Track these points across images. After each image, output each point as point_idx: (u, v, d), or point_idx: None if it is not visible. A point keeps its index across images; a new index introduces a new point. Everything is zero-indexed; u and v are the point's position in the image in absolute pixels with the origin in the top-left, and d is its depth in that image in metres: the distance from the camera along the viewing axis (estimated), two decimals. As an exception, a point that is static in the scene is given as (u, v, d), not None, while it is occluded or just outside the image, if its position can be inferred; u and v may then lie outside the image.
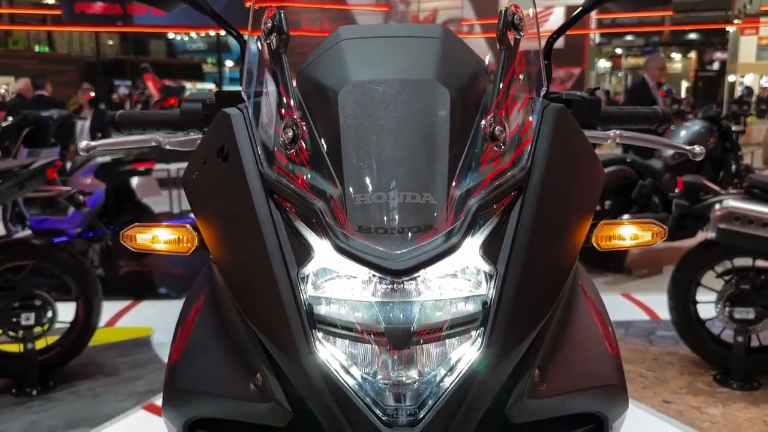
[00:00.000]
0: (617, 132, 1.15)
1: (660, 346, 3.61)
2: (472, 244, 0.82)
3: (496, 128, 0.86)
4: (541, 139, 0.89)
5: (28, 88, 7.59)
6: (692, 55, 28.30)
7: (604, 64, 30.04)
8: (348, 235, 0.80)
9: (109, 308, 4.05)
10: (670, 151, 5.11)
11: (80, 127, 7.08)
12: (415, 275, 0.80)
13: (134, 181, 4.90)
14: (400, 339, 0.79)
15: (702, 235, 3.31)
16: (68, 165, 5.09)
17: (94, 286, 3.23)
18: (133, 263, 5.19)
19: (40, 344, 3.16)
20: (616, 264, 5.11)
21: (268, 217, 0.84)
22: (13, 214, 4.34)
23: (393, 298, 0.80)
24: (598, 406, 0.92)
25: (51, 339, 3.23)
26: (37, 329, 3.10)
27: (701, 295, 3.22)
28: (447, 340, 0.83)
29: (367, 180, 0.82)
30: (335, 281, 0.83)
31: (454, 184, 0.83)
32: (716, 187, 3.30)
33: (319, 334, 0.82)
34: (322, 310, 0.82)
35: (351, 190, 0.82)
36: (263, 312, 0.83)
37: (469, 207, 0.82)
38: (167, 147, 1.14)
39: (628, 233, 0.98)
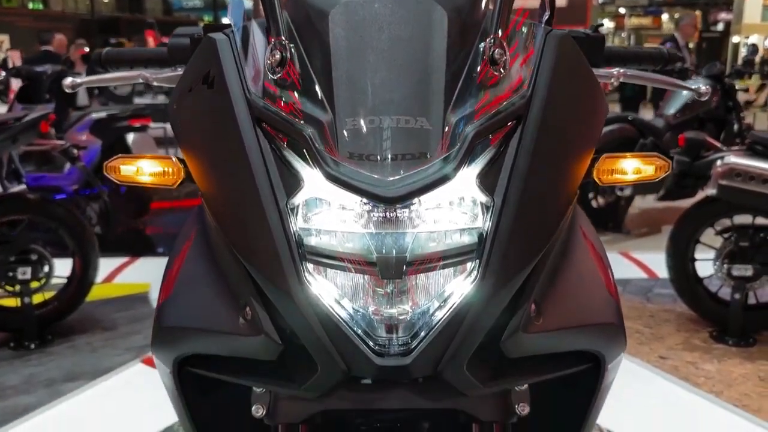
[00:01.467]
0: (621, 71, 1.11)
1: (657, 304, 3.62)
2: (469, 173, 0.79)
3: (496, 51, 0.82)
4: (543, 66, 0.85)
5: (62, 44, 7.44)
6: (697, 15, 27.80)
7: (607, 24, 29.57)
8: (338, 162, 0.77)
9: (106, 265, 4.05)
10: (672, 111, 5.05)
11: (77, 83, 6.96)
12: (409, 203, 0.77)
13: (130, 137, 4.84)
14: (392, 269, 0.77)
15: (702, 195, 3.28)
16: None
17: (90, 241, 3.22)
18: (131, 221, 5.17)
19: (37, 299, 3.16)
20: (614, 223, 5.11)
21: (256, 145, 0.81)
22: (9, 171, 4.30)
23: (385, 228, 0.78)
24: (595, 344, 0.91)
25: (48, 294, 3.24)
26: (34, 284, 3.10)
27: (700, 253, 3.21)
28: (441, 272, 0.80)
29: (359, 103, 0.79)
30: (325, 211, 0.80)
31: (450, 109, 0.80)
32: (718, 144, 3.26)
33: (310, 266, 0.80)
34: (312, 241, 0.80)
35: (341, 114, 0.78)
36: (252, 244, 0.81)
37: (466, 134, 0.78)
38: (154, 83, 1.11)
39: (631, 167, 0.94)
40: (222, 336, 0.86)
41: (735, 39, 22.36)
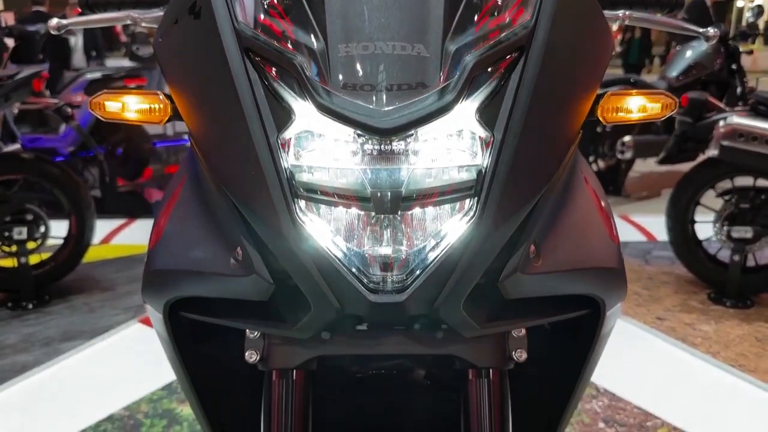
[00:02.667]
0: (627, 12, 1.07)
1: (655, 266, 3.61)
2: (468, 106, 0.76)
3: None
4: None
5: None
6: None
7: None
8: (331, 92, 0.74)
9: (104, 226, 4.04)
10: (675, 73, 4.99)
11: (73, 43, 6.88)
12: (405, 136, 0.74)
13: (126, 98, 4.77)
14: (386, 204, 0.75)
15: (703, 159, 3.26)
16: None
17: (86, 201, 3.20)
18: (129, 183, 5.14)
19: (34, 259, 3.16)
20: (615, 187, 5.09)
21: (244, 77, 0.77)
22: (4, 132, 4.26)
23: (380, 162, 0.75)
24: (595, 288, 0.89)
25: (45, 255, 3.23)
26: (31, 244, 3.09)
27: (699, 216, 3.20)
28: (438, 210, 0.78)
29: (352, 29, 0.75)
30: (318, 146, 0.77)
31: (449, 36, 0.76)
32: (721, 104, 3.22)
33: (302, 203, 0.77)
34: (303, 177, 0.77)
35: (334, 41, 0.75)
36: (242, 181, 0.78)
37: (466, 63, 0.75)
38: (143, 24, 1.07)
39: (636, 105, 0.91)
40: (213, 277, 0.83)
41: (740, 3, 22.02)
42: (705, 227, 3.17)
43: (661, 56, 12.04)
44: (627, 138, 4.64)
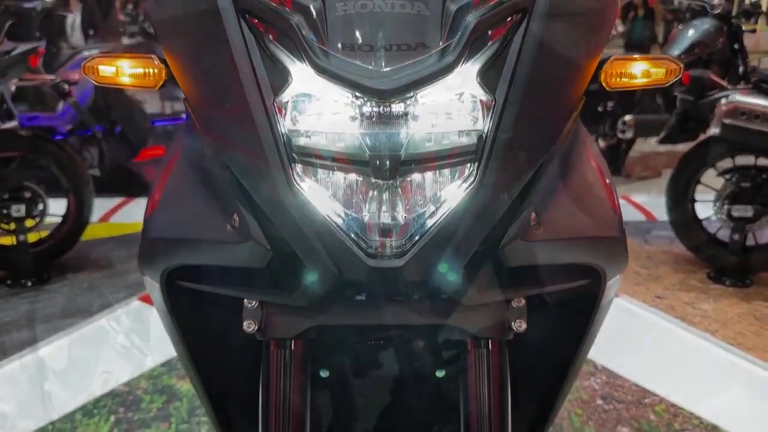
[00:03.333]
0: None
1: (655, 245, 3.61)
2: (469, 69, 0.75)
3: None
4: None
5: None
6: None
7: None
8: (329, 53, 0.72)
9: (102, 205, 4.03)
10: (677, 52, 4.94)
11: (70, 22, 6.82)
12: (404, 97, 0.73)
13: (123, 75, 4.73)
14: (385, 168, 0.74)
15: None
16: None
17: (84, 179, 3.18)
18: (128, 162, 5.12)
19: (32, 237, 3.15)
20: (615, 167, 5.07)
21: (240, 39, 0.76)
22: (1, 111, 4.22)
23: (378, 125, 0.73)
24: (596, 258, 0.88)
25: (44, 233, 3.22)
26: (29, 222, 3.08)
27: (699, 195, 3.19)
28: (438, 175, 0.77)
29: None
30: (315, 110, 0.76)
31: None
32: (723, 82, 3.20)
33: (299, 168, 0.76)
34: (301, 141, 0.76)
35: None
36: (238, 146, 0.77)
37: (467, 23, 0.73)
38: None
39: (640, 70, 0.89)
40: (209, 244, 0.83)
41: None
42: (705, 206, 3.16)
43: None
44: (628, 117, 4.61)
